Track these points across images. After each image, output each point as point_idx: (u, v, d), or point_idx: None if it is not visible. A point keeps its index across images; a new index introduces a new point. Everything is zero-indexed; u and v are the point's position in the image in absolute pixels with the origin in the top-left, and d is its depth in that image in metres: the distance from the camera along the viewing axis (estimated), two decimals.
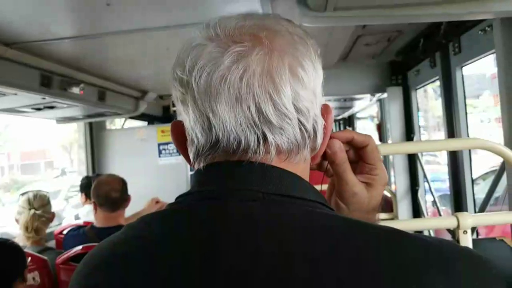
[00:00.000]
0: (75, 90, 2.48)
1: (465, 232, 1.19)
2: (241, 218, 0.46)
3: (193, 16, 1.78)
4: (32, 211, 2.29)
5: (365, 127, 7.35)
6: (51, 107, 2.73)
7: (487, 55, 1.96)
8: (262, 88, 0.46)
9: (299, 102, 0.48)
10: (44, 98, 2.40)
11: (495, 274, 0.44)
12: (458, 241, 1.17)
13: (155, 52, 2.36)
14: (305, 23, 1.35)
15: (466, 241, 1.16)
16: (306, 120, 0.49)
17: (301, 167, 0.51)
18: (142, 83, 3.32)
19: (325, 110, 0.54)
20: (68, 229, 2.45)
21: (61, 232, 2.73)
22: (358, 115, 6.81)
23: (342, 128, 7.94)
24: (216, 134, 0.48)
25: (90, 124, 4.01)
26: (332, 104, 5.67)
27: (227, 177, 0.48)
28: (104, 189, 2.23)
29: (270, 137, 0.47)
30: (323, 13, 1.28)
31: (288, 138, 0.48)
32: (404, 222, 1.52)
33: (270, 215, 0.46)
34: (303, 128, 0.49)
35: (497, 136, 1.66)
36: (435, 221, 1.45)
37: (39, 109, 2.73)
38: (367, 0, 1.21)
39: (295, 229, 0.44)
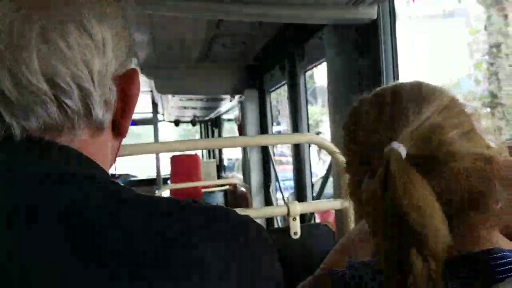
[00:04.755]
0: None
1: (294, 219, 1.31)
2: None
3: None
4: None
5: (233, 128, 7.56)
6: None
7: (323, 61, 2.17)
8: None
9: (55, 75, 0.40)
10: None
11: (264, 236, 0.46)
12: (289, 226, 1.28)
13: None
14: (149, 11, 1.35)
15: (295, 226, 1.27)
16: (68, 96, 0.41)
17: (88, 143, 0.45)
18: None
19: (127, 78, 0.47)
20: None
21: None
22: (225, 117, 6.97)
23: (209, 130, 7.99)
24: None
25: None
26: (197, 104, 5.71)
27: None
28: None
29: (7, 118, 0.40)
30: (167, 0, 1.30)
31: (37, 119, 0.41)
32: (238, 210, 1.62)
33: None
34: (64, 105, 0.41)
35: None
36: (270, 210, 1.57)
37: None
38: None
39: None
